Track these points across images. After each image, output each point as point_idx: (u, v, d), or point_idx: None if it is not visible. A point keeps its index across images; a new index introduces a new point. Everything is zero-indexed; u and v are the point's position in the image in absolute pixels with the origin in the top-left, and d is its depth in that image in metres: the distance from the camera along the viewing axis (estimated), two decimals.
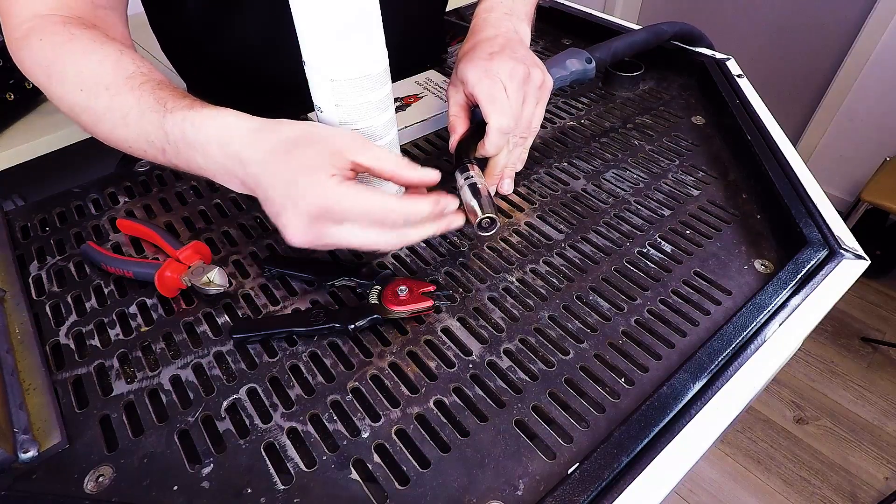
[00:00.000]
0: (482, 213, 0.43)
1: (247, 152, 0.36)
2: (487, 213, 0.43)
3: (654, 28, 0.68)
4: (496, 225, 0.44)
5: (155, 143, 0.40)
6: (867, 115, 1.81)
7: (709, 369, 0.35)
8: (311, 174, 0.35)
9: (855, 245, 0.44)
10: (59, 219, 0.52)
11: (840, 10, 1.76)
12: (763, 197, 0.50)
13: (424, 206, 0.37)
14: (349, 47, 0.40)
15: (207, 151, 0.38)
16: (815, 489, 1.30)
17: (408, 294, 0.41)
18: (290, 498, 0.31)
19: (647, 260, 0.46)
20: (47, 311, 0.43)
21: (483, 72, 0.47)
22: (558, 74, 0.59)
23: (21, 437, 0.33)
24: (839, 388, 1.51)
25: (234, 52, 0.62)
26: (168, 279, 0.42)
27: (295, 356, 0.39)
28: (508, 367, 0.38)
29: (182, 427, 0.35)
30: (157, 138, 0.40)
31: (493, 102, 0.46)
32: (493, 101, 0.46)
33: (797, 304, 0.39)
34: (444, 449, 0.33)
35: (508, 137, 0.48)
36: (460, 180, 0.46)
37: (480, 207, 0.43)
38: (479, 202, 0.43)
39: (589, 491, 0.30)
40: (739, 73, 0.65)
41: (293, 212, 0.35)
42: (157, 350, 0.40)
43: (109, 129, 0.42)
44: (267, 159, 0.36)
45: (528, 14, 0.59)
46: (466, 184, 0.45)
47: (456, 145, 0.50)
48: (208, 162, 0.38)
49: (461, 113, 0.51)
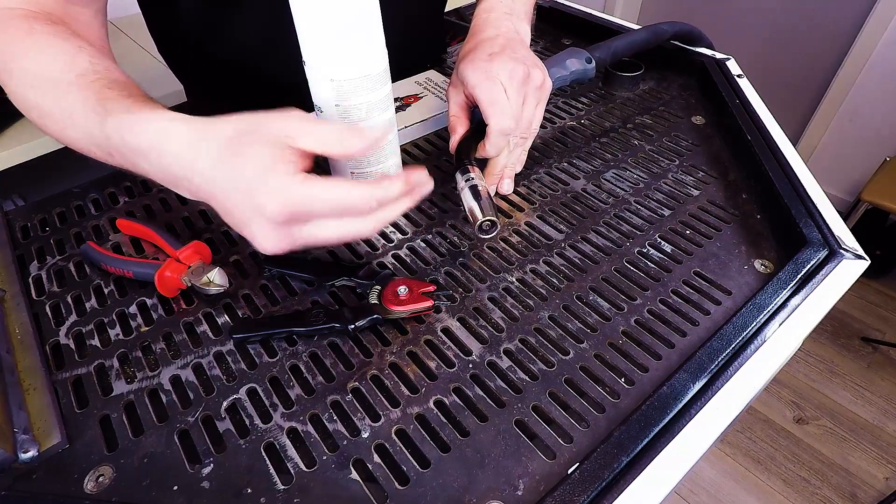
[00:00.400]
0: (483, 216, 0.43)
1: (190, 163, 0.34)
2: (488, 216, 0.43)
3: (654, 28, 0.68)
4: (497, 227, 0.44)
5: (101, 146, 0.38)
6: (867, 115, 1.81)
7: (709, 369, 0.35)
8: (266, 177, 0.32)
9: (855, 245, 0.44)
10: (59, 219, 0.52)
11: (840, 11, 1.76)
12: (763, 197, 0.50)
13: (396, 187, 0.34)
14: (349, 47, 0.40)
15: (150, 159, 0.35)
16: (815, 489, 1.30)
17: (408, 294, 0.41)
18: (290, 498, 0.31)
19: (647, 260, 0.46)
20: (47, 311, 0.43)
21: (483, 73, 0.47)
22: (558, 74, 0.59)
23: (21, 437, 0.33)
24: (839, 388, 1.51)
25: (232, 52, 0.62)
26: (168, 279, 0.42)
27: (295, 356, 0.39)
28: (508, 367, 0.38)
29: (182, 427, 0.35)
30: (102, 141, 0.37)
31: (494, 104, 0.46)
32: (493, 102, 0.46)
33: (797, 304, 0.39)
34: (444, 449, 0.33)
35: (509, 139, 0.48)
36: (461, 182, 0.46)
37: (481, 210, 0.43)
38: (479, 205, 0.43)
39: (589, 491, 0.30)
40: (739, 73, 0.65)
41: (259, 222, 0.33)
42: (157, 350, 0.40)
43: (60, 130, 0.40)
44: (215, 167, 0.33)
45: (527, 13, 0.59)
46: (467, 185, 0.45)
47: (456, 146, 0.50)
48: (154, 168, 0.36)
49: (461, 113, 0.51)
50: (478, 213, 0.43)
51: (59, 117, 0.40)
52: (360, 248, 0.48)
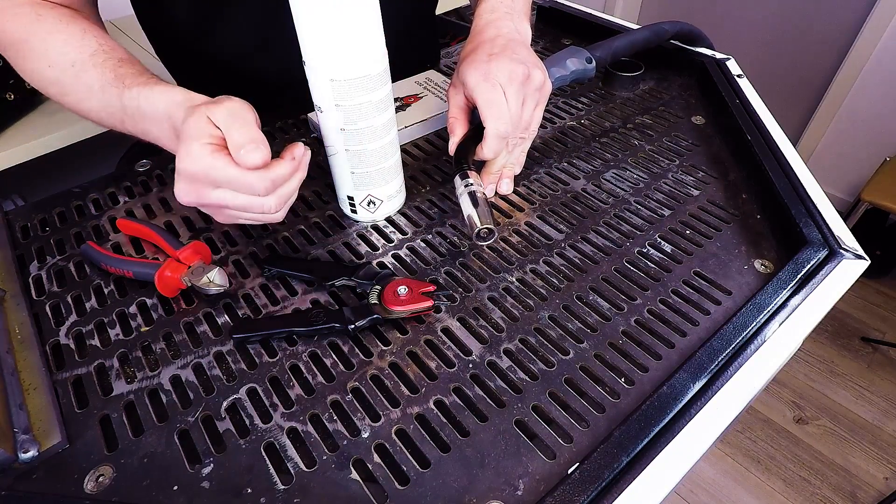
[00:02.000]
0: (480, 223, 0.43)
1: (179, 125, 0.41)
2: (486, 223, 0.43)
3: (654, 27, 0.68)
4: (494, 235, 0.44)
5: (115, 115, 0.46)
6: (867, 115, 1.81)
7: (709, 369, 0.35)
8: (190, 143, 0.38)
9: (855, 245, 0.44)
10: (59, 219, 0.52)
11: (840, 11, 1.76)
12: (763, 197, 0.50)
13: (283, 168, 0.40)
14: (349, 47, 0.40)
15: (161, 124, 0.43)
16: (815, 489, 1.30)
17: (408, 294, 0.41)
18: (290, 498, 0.31)
19: (647, 260, 0.46)
20: (47, 311, 0.43)
21: (482, 75, 0.47)
22: (558, 74, 0.59)
23: (21, 437, 0.33)
24: (839, 388, 1.51)
25: (225, 51, 0.62)
26: (168, 279, 0.42)
27: (295, 356, 0.39)
28: (508, 367, 0.38)
29: (182, 427, 0.35)
30: (117, 110, 0.45)
31: (491, 107, 0.46)
32: (490, 105, 0.46)
33: (797, 304, 0.39)
34: (444, 449, 0.33)
35: (507, 141, 0.48)
36: (459, 187, 0.46)
37: (479, 218, 0.43)
38: (477, 212, 0.43)
39: (589, 491, 0.30)
40: (739, 73, 0.65)
41: (179, 175, 0.40)
42: (157, 350, 0.40)
43: (76, 101, 0.48)
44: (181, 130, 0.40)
45: (526, 12, 0.59)
46: (466, 191, 0.45)
47: (455, 149, 0.50)
48: (161, 132, 0.43)
49: (460, 115, 0.51)
50: (476, 220, 0.43)
51: (76, 91, 0.47)
52: (360, 248, 0.48)
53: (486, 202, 0.45)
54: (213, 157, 0.38)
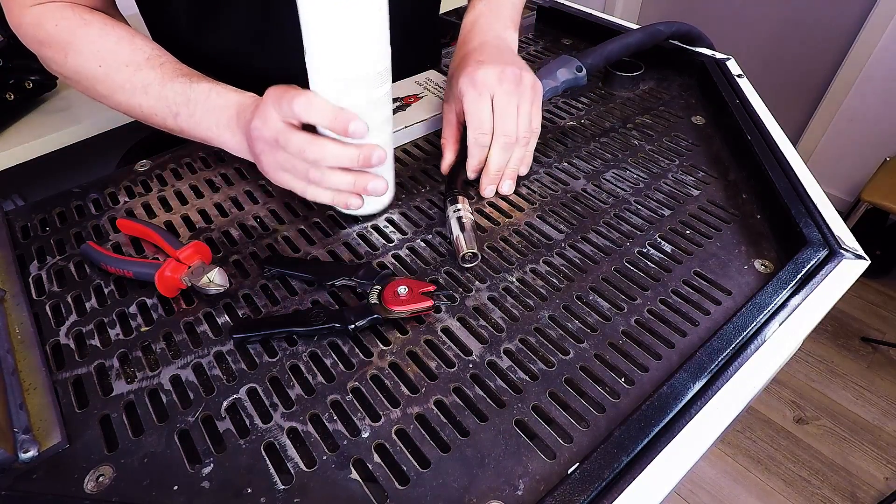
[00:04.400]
0: (465, 248, 0.45)
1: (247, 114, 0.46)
2: (471, 248, 0.45)
3: (649, 29, 0.68)
4: (478, 258, 0.46)
5: (171, 107, 0.50)
6: (867, 115, 1.81)
7: (709, 369, 0.35)
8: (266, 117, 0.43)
9: (855, 245, 0.44)
10: (59, 219, 0.52)
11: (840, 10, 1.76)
12: (763, 197, 0.50)
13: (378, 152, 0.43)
14: (350, 47, 0.40)
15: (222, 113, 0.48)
16: (815, 489, 1.30)
17: (408, 294, 0.41)
18: (290, 498, 0.31)
19: (647, 260, 0.46)
20: (47, 311, 0.43)
21: (470, 82, 0.49)
22: (549, 86, 0.59)
23: (21, 437, 0.33)
24: (839, 388, 1.51)
25: (223, 46, 0.62)
26: (168, 279, 0.42)
27: (295, 356, 0.39)
28: (508, 367, 0.38)
29: (182, 427, 0.35)
30: (176, 103, 0.49)
31: (472, 116, 0.49)
32: (471, 114, 0.49)
33: (797, 304, 0.39)
34: (444, 449, 0.33)
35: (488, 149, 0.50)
36: (449, 211, 0.48)
37: (465, 243, 0.45)
38: (464, 237, 0.45)
39: (589, 491, 0.30)
40: (739, 73, 0.65)
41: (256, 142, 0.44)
42: (157, 350, 0.40)
43: (126, 98, 0.51)
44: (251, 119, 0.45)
45: (514, 20, 0.60)
46: (454, 216, 0.47)
47: (447, 172, 0.53)
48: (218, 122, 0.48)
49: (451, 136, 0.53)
50: (462, 245, 0.45)
51: (129, 88, 0.51)
52: (360, 248, 0.48)
53: (472, 228, 0.47)
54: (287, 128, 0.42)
